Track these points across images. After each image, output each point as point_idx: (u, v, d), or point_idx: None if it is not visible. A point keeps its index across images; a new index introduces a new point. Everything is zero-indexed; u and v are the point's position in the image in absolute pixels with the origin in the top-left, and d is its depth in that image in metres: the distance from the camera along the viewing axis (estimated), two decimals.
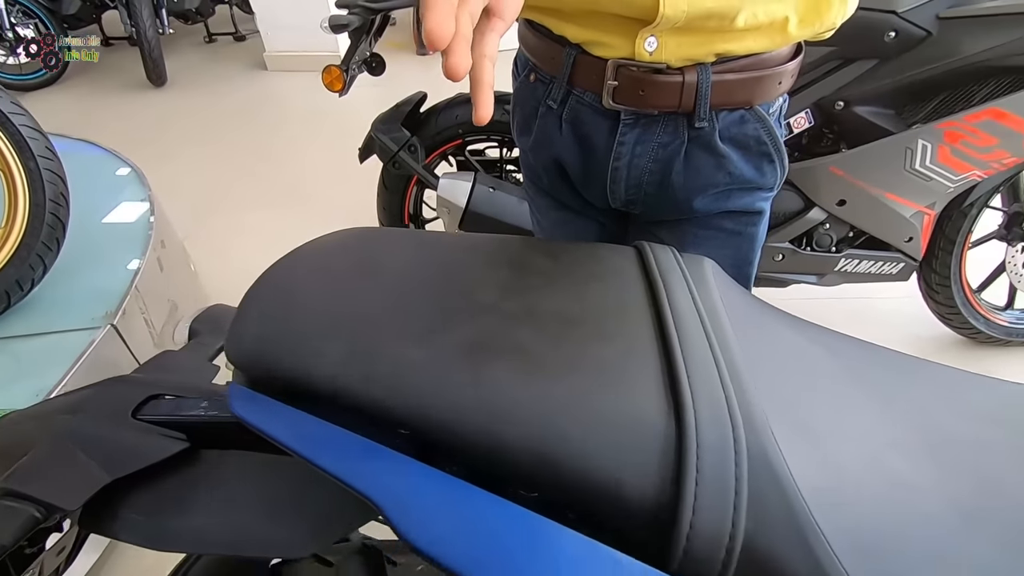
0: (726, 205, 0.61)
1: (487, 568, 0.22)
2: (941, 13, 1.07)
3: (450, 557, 0.23)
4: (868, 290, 1.62)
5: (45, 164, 1.23)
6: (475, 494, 0.25)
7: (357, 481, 0.25)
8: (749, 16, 0.51)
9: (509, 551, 0.23)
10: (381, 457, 0.26)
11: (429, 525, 0.24)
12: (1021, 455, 0.34)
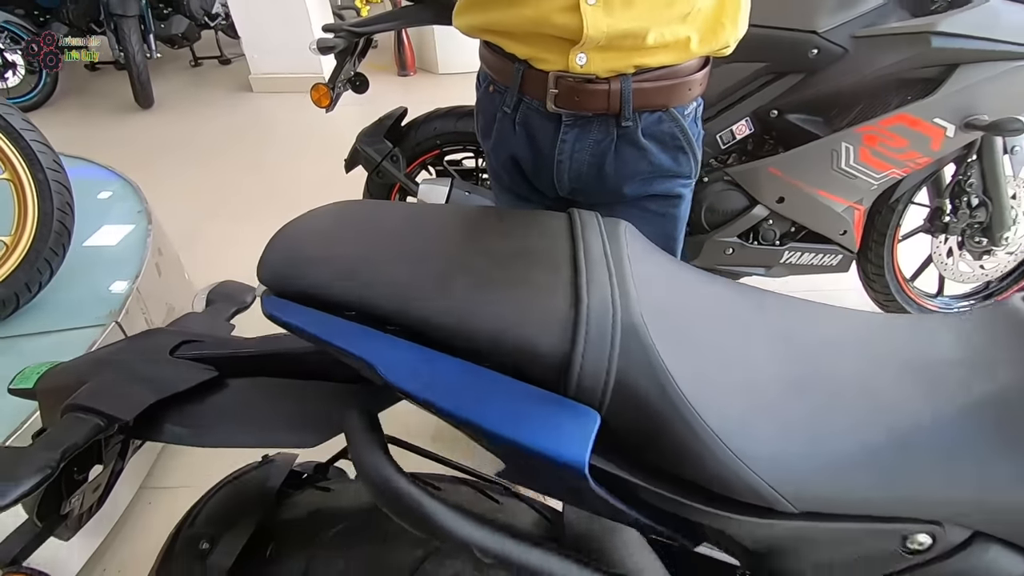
0: (650, 190, 0.74)
1: (443, 394, 0.34)
2: (855, 33, 1.23)
3: (419, 391, 0.35)
4: (817, 283, 1.76)
5: (53, 176, 1.33)
6: (440, 356, 0.36)
7: (358, 350, 0.36)
8: (657, 36, 0.64)
9: (464, 385, 0.35)
10: (375, 337, 0.37)
11: (407, 374, 0.35)
12: (856, 356, 0.46)
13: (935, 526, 0.40)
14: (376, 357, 0.36)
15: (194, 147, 3.17)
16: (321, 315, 0.38)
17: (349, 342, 0.36)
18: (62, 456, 0.45)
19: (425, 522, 0.36)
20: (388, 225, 0.48)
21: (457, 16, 0.74)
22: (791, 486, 0.36)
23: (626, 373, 0.36)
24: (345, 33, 1.43)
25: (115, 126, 3.47)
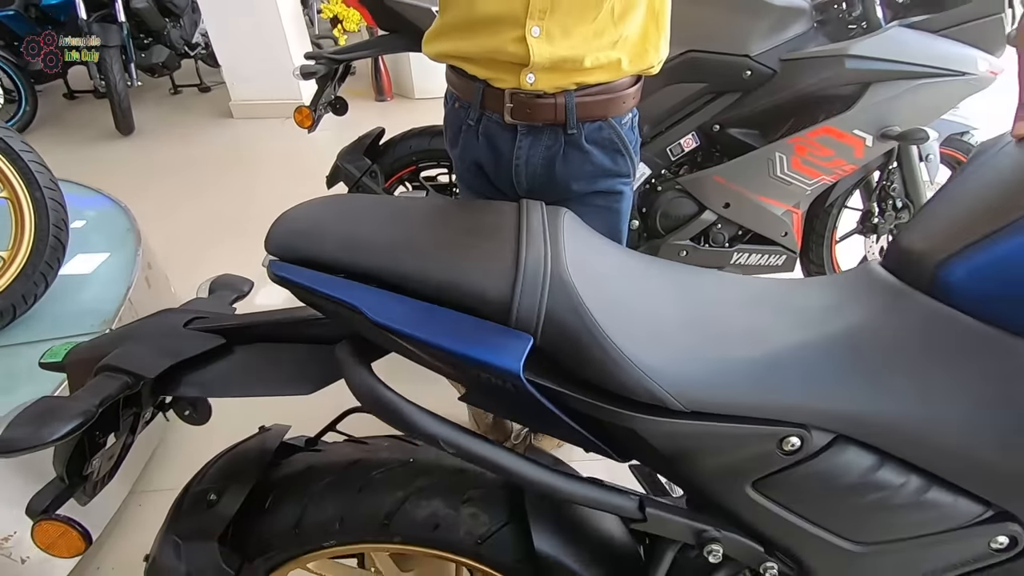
0: (595, 187, 0.87)
1: (414, 326, 0.45)
2: (782, 56, 1.39)
3: (399, 324, 0.45)
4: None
5: (49, 194, 1.41)
6: (411, 300, 0.47)
7: (349, 298, 0.46)
8: (593, 60, 0.77)
9: (429, 320, 0.46)
10: (362, 288, 0.48)
11: (386, 314, 0.46)
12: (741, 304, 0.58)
13: (803, 429, 0.52)
14: (362, 302, 0.46)
15: (176, 170, 3.25)
16: (319, 274, 0.49)
17: (342, 293, 0.47)
18: (100, 404, 0.54)
19: (402, 420, 0.47)
20: (371, 210, 0.59)
21: (426, 45, 0.87)
22: (680, 389, 0.47)
23: (554, 310, 0.48)
24: (326, 60, 1.55)
25: (97, 152, 3.53)
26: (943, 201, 0.59)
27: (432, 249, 0.51)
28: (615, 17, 0.77)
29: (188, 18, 4.14)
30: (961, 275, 0.51)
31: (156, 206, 2.77)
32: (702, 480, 0.55)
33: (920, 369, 0.52)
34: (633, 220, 1.63)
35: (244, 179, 3.13)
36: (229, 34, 3.61)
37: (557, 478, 0.51)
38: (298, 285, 0.49)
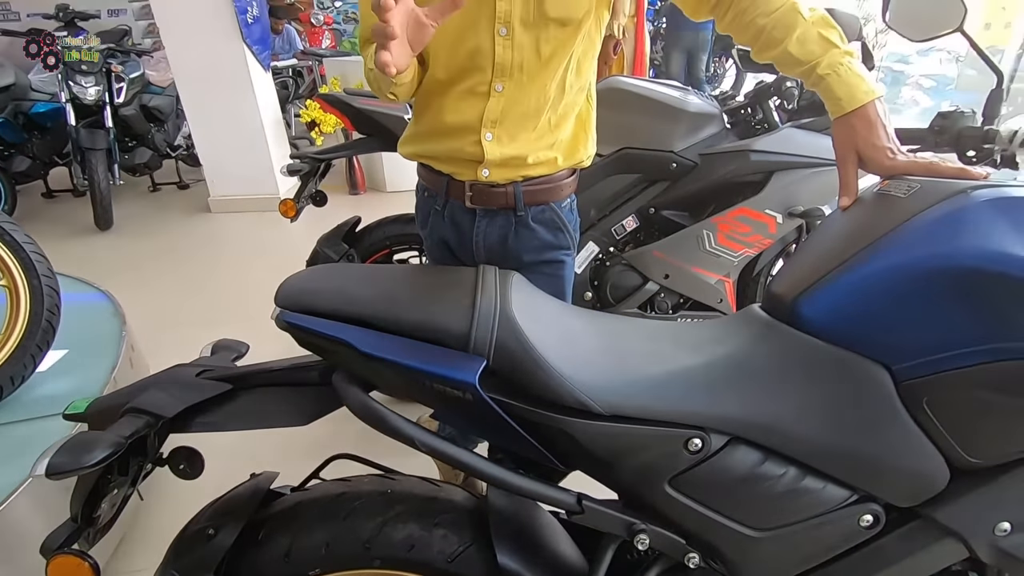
0: (541, 257, 1.04)
1: (391, 352, 0.59)
2: (701, 151, 1.66)
3: (382, 353, 0.59)
4: None
5: (46, 281, 1.52)
6: (390, 336, 0.61)
7: (342, 335, 0.60)
8: (534, 157, 0.97)
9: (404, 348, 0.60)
10: (351, 328, 0.62)
11: (371, 345, 0.60)
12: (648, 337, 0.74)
13: (703, 432, 0.66)
14: (353, 338, 0.61)
15: (154, 262, 3.36)
16: (318, 319, 0.63)
17: (337, 332, 0.61)
18: (128, 437, 0.65)
19: (387, 425, 0.59)
20: (358, 273, 0.74)
21: (401, 147, 1.06)
22: (600, 396, 0.62)
23: (502, 339, 0.62)
24: (309, 159, 1.76)
25: (76, 246, 3.63)
26: (799, 255, 0.78)
27: (406, 298, 0.67)
28: (551, 125, 0.98)
29: (172, 123, 4.42)
30: (809, 307, 0.69)
31: (135, 295, 2.85)
32: (628, 479, 0.68)
33: (787, 381, 0.68)
34: (586, 292, 1.81)
35: (223, 269, 3.26)
36: (212, 137, 3.87)
37: (508, 473, 0.63)
38: (302, 328, 0.63)
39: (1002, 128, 0.87)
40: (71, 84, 3.62)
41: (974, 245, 0.60)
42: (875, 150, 0.76)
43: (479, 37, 0.89)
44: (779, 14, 0.81)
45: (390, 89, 0.86)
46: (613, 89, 1.67)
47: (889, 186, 0.72)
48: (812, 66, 0.80)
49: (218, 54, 3.61)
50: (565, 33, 0.91)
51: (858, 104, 0.77)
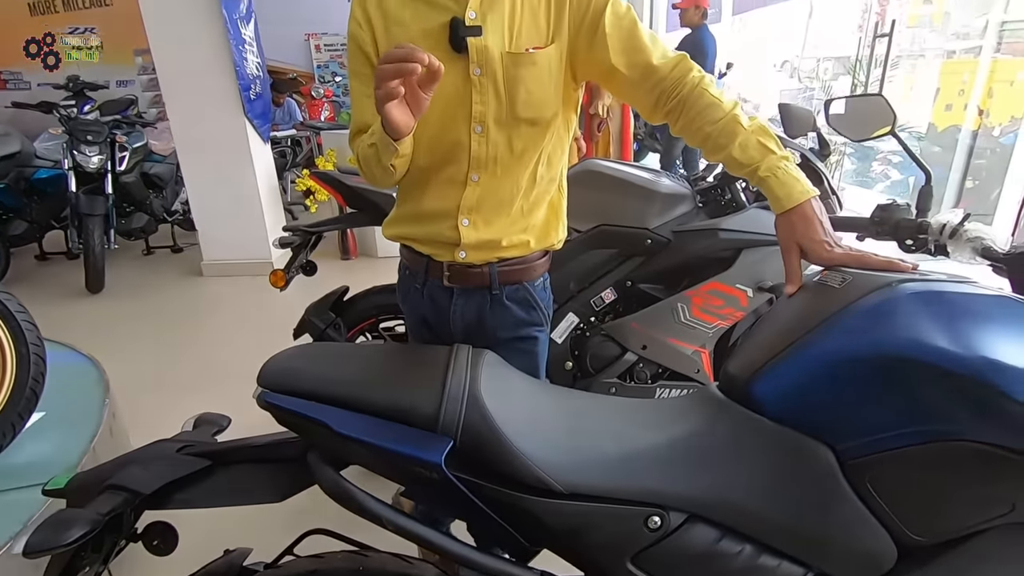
0: (515, 334, 1.10)
1: (363, 433, 0.63)
2: (673, 228, 1.76)
3: (356, 433, 0.63)
4: None
5: (34, 350, 1.55)
6: (363, 416, 0.65)
7: (319, 415, 0.64)
8: (508, 241, 1.05)
9: (376, 429, 0.64)
10: (328, 409, 0.66)
11: (346, 426, 0.64)
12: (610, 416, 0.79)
13: (662, 510, 0.69)
14: (329, 419, 0.65)
15: (142, 325, 3.38)
16: (298, 400, 0.67)
17: (315, 412, 0.65)
18: (106, 514, 0.67)
19: (358, 504, 0.62)
20: (337, 353, 0.79)
21: (384, 229, 1.14)
22: (560, 475, 0.65)
23: (469, 420, 0.67)
24: (301, 232, 1.84)
25: (65, 309, 3.64)
26: (752, 337, 0.84)
27: (381, 379, 0.71)
28: (524, 212, 1.06)
29: (170, 189, 4.55)
30: (759, 388, 0.74)
31: (121, 358, 2.85)
32: (592, 557, 0.70)
33: (741, 461, 0.72)
34: (567, 361, 1.85)
35: (211, 333, 3.28)
36: (209, 203, 3.99)
37: (475, 553, 0.65)
38: (282, 409, 0.67)
39: (933, 221, 0.96)
40: (75, 153, 3.75)
41: (899, 335, 0.66)
42: (814, 243, 0.84)
43: (457, 133, 0.99)
44: (722, 124, 0.91)
45: (391, 160, 0.91)
46: (589, 172, 1.78)
47: (827, 277, 0.79)
48: (754, 168, 0.89)
49: (220, 126, 3.78)
50: (535, 132, 1.00)
51: (795, 203, 0.85)
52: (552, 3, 0.96)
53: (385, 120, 0.83)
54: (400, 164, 0.96)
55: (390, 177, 0.98)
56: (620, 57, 0.96)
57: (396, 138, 0.86)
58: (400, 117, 0.82)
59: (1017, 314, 0.66)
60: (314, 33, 8.26)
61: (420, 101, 0.83)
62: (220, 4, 3.49)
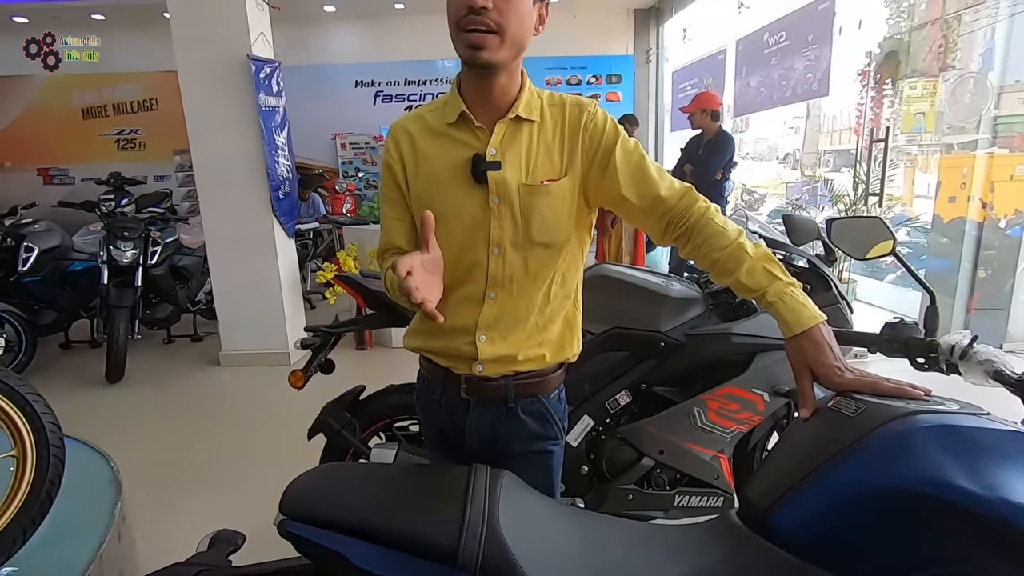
0: (530, 447, 1.10)
1: (387, 569, 0.63)
2: (687, 332, 1.78)
3: (375, 569, 0.63)
4: None
5: (55, 451, 1.56)
6: (382, 549, 0.66)
7: (337, 547, 0.65)
8: (524, 355, 1.08)
9: (399, 564, 0.64)
10: (348, 540, 0.66)
11: (364, 560, 0.64)
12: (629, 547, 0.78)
13: None
14: (349, 551, 0.65)
15: (158, 418, 3.39)
16: (318, 530, 0.68)
17: (335, 544, 0.66)
18: None
19: None
20: (358, 478, 0.80)
21: (405, 340, 1.18)
22: None
23: (488, 555, 0.67)
24: (322, 333, 1.89)
25: (83, 399, 3.68)
26: (769, 463, 0.84)
27: (400, 507, 0.72)
28: (539, 328, 1.10)
29: (196, 280, 4.72)
30: (778, 519, 0.73)
31: (136, 450, 2.86)
32: None
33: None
34: (583, 466, 1.82)
35: (227, 426, 3.28)
36: (232, 294, 4.12)
37: None
38: (302, 539, 0.68)
39: (942, 341, 0.97)
40: (111, 248, 3.95)
41: (916, 471, 0.67)
42: (825, 368, 0.86)
43: (476, 254, 1.05)
44: (729, 250, 0.97)
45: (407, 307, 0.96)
46: (601, 276, 1.84)
47: (840, 403, 0.81)
48: (762, 293, 0.93)
49: (249, 222, 3.99)
50: (550, 253, 1.06)
51: (804, 327, 0.88)
52: (566, 141, 1.06)
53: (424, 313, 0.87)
54: None
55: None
56: (631, 188, 1.04)
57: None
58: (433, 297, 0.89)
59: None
60: (340, 133, 8.87)
61: (433, 289, 0.90)
62: (258, 114, 3.80)
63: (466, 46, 0.95)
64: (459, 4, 0.93)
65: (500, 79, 1.01)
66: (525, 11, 0.96)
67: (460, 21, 0.94)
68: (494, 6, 0.92)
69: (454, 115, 1.04)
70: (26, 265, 4.02)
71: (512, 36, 0.96)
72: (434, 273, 0.91)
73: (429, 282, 0.88)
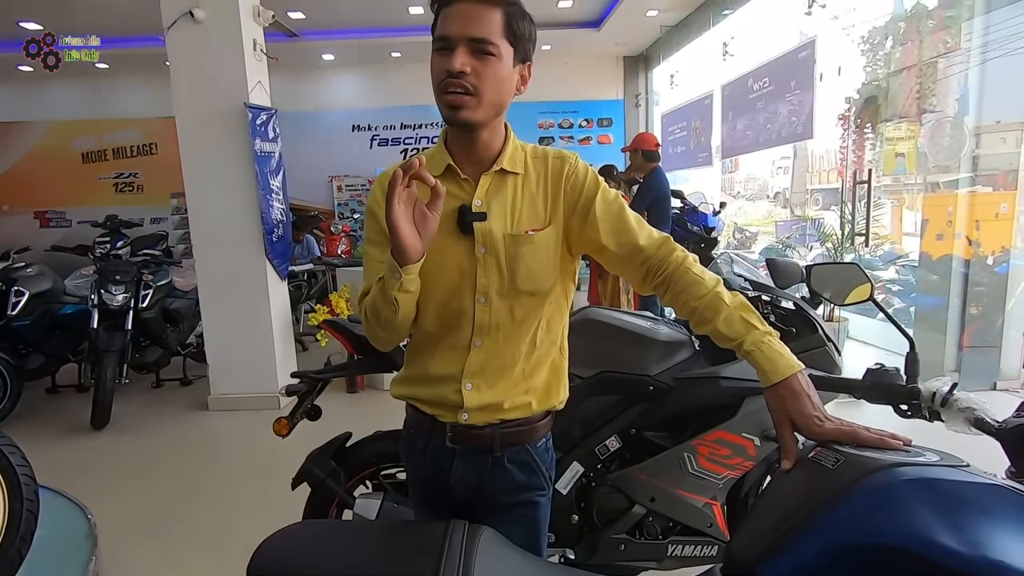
0: (516, 498, 1.08)
1: None
2: (676, 375, 1.77)
3: None
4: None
5: (28, 506, 1.53)
6: None
7: None
8: (510, 403, 1.07)
9: None
10: None
11: None
12: None
13: None
14: None
15: (141, 467, 3.31)
16: None
17: None
18: None
19: None
20: (331, 536, 0.78)
21: (392, 388, 1.17)
22: None
23: None
24: (309, 379, 1.88)
25: (66, 446, 3.60)
26: (752, 516, 0.83)
27: (374, 569, 0.70)
28: (525, 375, 1.10)
29: (187, 323, 4.69)
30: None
31: (116, 503, 2.78)
32: None
33: None
34: (573, 515, 1.78)
35: (212, 476, 3.20)
36: (223, 337, 4.09)
37: None
38: None
39: (923, 387, 0.98)
40: (102, 291, 3.94)
41: (895, 527, 0.66)
42: (804, 418, 0.86)
43: (462, 302, 1.06)
44: (706, 300, 0.98)
45: (395, 289, 0.94)
46: (589, 320, 1.84)
47: (820, 455, 0.80)
48: (739, 342, 0.94)
49: (242, 265, 4.00)
50: (535, 301, 1.07)
51: (781, 376, 0.88)
52: (549, 191, 1.08)
53: (395, 235, 0.89)
54: (404, 302, 0.97)
55: (392, 320, 0.99)
56: (610, 237, 1.06)
57: (404, 262, 0.92)
58: (409, 235, 0.90)
59: (1012, 505, 0.66)
60: (336, 175, 9.01)
61: (427, 220, 0.92)
62: (254, 160, 3.86)
63: (446, 106, 0.98)
64: (440, 68, 0.97)
65: (482, 135, 1.04)
66: (504, 75, 1.00)
67: (441, 84, 0.97)
68: (472, 70, 0.96)
69: (441, 168, 1.06)
70: (15, 309, 3.99)
71: (489, 98, 0.99)
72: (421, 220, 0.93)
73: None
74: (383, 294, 0.98)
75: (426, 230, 0.93)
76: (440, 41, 0.97)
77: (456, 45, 0.95)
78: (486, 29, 0.96)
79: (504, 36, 0.99)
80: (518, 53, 1.03)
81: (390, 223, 0.89)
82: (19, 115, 8.88)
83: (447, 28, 0.96)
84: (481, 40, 0.96)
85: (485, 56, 0.97)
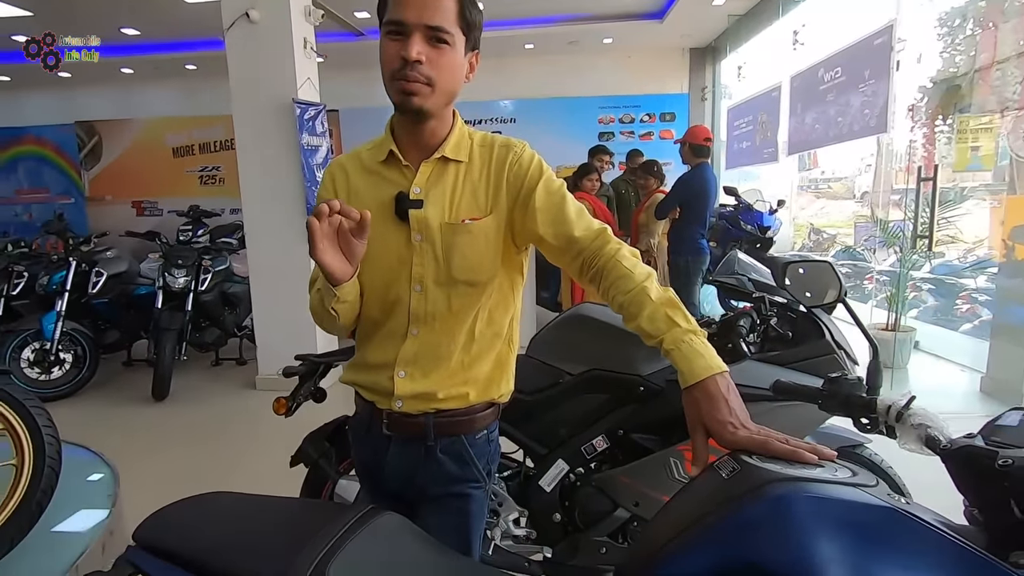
0: (447, 490, 1.07)
1: None
2: (667, 377, 1.69)
3: None
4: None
5: (51, 463, 1.67)
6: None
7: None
8: (444, 393, 1.06)
9: None
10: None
11: None
12: None
13: None
14: None
15: (188, 437, 3.57)
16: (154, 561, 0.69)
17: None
18: None
19: None
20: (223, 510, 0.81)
21: (343, 375, 1.19)
22: None
23: None
24: (309, 362, 1.95)
25: (126, 414, 3.95)
26: (649, 526, 0.78)
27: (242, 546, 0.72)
28: (464, 366, 1.08)
29: (244, 307, 4.99)
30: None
31: (157, 470, 3.01)
32: None
33: None
34: (555, 513, 1.74)
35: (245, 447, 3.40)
36: (270, 321, 4.32)
37: None
38: (138, 569, 0.69)
39: (880, 401, 0.88)
40: (167, 274, 4.27)
41: (771, 549, 0.60)
42: (717, 424, 0.79)
43: (399, 290, 1.06)
44: (632, 294, 0.92)
45: (331, 303, 1.00)
46: (581, 316, 1.80)
47: (721, 464, 0.74)
48: (660, 340, 0.88)
49: (287, 255, 4.20)
50: (473, 291, 1.05)
51: (697, 378, 0.82)
52: (491, 181, 1.06)
53: (321, 267, 0.93)
54: (343, 310, 1.03)
55: (335, 323, 1.05)
56: (548, 228, 1.02)
57: (335, 284, 0.95)
58: (334, 263, 0.93)
59: (907, 532, 0.58)
60: None
61: (354, 248, 0.93)
62: (300, 152, 4.05)
63: (399, 92, 0.98)
64: (392, 56, 0.96)
65: (431, 123, 1.03)
66: (456, 64, 1.00)
67: (394, 72, 0.97)
68: (427, 60, 0.95)
69: (384, 154, 1.07)
70: (95, 288, 4.40)
71: (442, 87, 0.98)
72: (347, 245, 0.94)
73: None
74: (322, 304, 1.03)
75: (353, 255, 0.95)
76: (392, 25, 0.96)
77: (411, 32, 0.94)
78: (441, 17, 0.95)
79: (458, 24, 0.97)
80: (469, 41, 1.01)
81: (315, 259, 0.92)
82: (122, 113, 9.75)
83: (401, 13, 0.95)
84: (437, 28, 0.95)
85: (440, 44, 0.96)
